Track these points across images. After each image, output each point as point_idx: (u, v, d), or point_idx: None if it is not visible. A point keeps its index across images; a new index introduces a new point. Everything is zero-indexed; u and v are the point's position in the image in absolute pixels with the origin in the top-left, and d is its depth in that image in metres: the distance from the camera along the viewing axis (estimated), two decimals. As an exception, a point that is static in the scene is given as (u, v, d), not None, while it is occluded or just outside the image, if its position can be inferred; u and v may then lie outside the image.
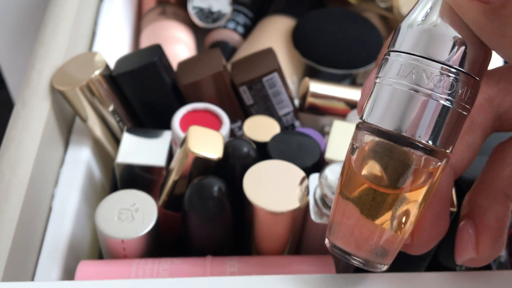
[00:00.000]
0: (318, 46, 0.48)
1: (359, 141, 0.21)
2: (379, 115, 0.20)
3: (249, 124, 0.36)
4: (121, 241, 0.29)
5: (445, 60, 0.19)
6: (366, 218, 0.21)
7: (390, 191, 0.20)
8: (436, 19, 0.19)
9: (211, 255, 0.30)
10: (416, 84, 0.19)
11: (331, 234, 0.22)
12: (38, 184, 0.32)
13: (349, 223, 0.21)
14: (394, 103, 0.20)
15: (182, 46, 0.50)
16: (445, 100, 0.19)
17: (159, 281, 0.26)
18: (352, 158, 0.21)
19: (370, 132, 0.20)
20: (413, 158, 0.20)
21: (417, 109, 0.19)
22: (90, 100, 0.35)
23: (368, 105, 0.21)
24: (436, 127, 0.19)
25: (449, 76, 0.19)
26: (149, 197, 0.31)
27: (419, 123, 0.19)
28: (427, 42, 0.19)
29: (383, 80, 0.20)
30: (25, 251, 0.30)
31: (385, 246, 0.21)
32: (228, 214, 0.30)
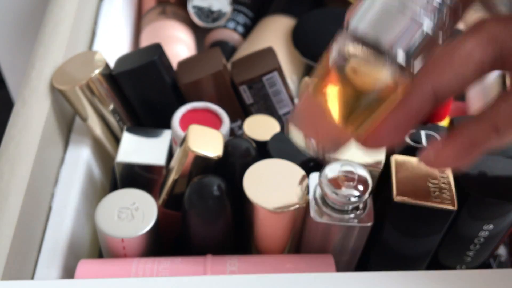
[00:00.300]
0: (318, 46, 0.48)
1: (341, 43, 0.22)
2: (366, 24, 0.21)
3: (249, 123, 0.36)
4: (121, 240, 0.29)
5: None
6: (331, 111, 0.23)
7: (357, 92, 0.22)
8: None
9: (211, 254, 0.30)
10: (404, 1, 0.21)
11: (293, 118, 0.25)
12: (38, 183, 0.32)
13: (315, 111, 0.23)
14: (381, 15, 0.21)
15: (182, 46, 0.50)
16: (426, 25, 0.21)
17: (159, 280, 0.26)
18: (333, 57, 0.22)
19: (354, 37, 0.22)
20: (386, 68, 0.21)
21: (400, 27, 0.21)
22: (90, 99, 0.35)
23: (358, 12, 0.22)
24: (412, 48, 0.21)
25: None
26: (149, 196, 0.31)
27: (398, 40, 0.21)
28: None
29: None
30: (25, 250, 0.30)
31: (339, 136, 0.24)
32: (228, 213, 0.30)
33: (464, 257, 0.33)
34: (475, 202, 0.29)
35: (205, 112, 0.36)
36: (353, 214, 0.29)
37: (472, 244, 0.32)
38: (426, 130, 0.34)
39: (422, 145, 0.33)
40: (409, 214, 0.29)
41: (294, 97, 0.43)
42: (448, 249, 0.33)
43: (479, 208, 0.30)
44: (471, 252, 0.32)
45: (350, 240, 0.30)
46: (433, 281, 0.27)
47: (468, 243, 0.32)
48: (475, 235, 0.31)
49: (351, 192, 0.28)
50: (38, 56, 0.36)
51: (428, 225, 0.30)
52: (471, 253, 0.32)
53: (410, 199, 0.28)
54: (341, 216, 0.29)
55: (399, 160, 0.30)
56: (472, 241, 0.32)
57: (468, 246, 0.32)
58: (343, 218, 0.29)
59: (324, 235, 0.30)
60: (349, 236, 0.30)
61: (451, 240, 0.32)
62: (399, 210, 0.29)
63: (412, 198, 0.28)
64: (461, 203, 0.29)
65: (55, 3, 0.40)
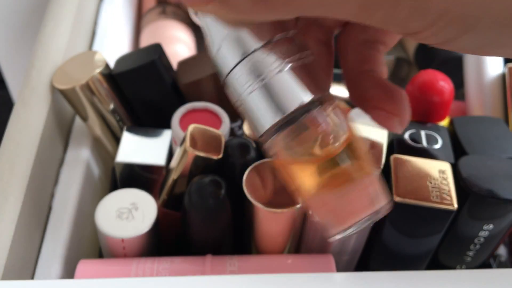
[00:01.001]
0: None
1: (274, 148, 0.21)
2: (267, 118, 0.21)
3: (248, 123, 0.36)
4: (121, 240, 0.29)
5: (254, 47, 0.20)
6: (341, 188, 0.21)
7: (332, 151, 0.21)
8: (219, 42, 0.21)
9: (211, 254, 0.30)
10: (259, 75, 0.20)
11: (331, 228, 0.22)
12: (38, 183, 0.32)
13: (332, 204, 0.22)
14: (262, 101, 0.21)
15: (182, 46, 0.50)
16: (285, 67, 0.20)
17: (159, 280, 0.26)
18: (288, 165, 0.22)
19: (273, 134, 0.21)
20: (315, 117, 0.21)
21: (278, 88, 0.20)
22: (90, 99, 0.35)
23: (254, 121, 0.21)
24: (302, 85, 0.20)
25: (269, 50, 0.20)
26: (149, 196, 0.31)
27: (293, 93, 0.20)
28: (232, 50, 0.20)
29: (240, 97, 0.21)
30: (24, 249, 0.30)
31: (371, 188, 0.22)
32: (228, 213, 0.30)
33: (464, 257, 0.33)
34: (475, 202, 0.29)
35: (205, 112, 0.36)
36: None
37: (472, 244, 0.32)
38: (426, 130, 0.34)
39: (422, 145, 0.33)
40: (409, 214, 0.29)
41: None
42: (448, 249, 0.33)
43: (479, 208, 0.30)
44: (471, 252, 0.32)
45: (350, 240, 0.30)
46: (433, 281, 0.27)
47: (468, 243, 0.32)
48: (475, 235, 0.31)
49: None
50: (38, 56, 0.36)
51: (428, 225, 0.30)
52: (471, 253, 0.32)
53: (410, 199, 0.28)
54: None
55: (399, 159, 0.30)
56: (472, 241, 0.32)
57: (468, 246, 0.32)
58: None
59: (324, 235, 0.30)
60: (349, 236, 0.30)
61: (451, 240, 0.32)
62: (399, 210, 0.29)
63: (412, 198, 0.28)
64: (461, 203, 0.29)
65: (55, 3, 0.40)
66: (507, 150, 0.33)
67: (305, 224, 0.30)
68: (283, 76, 0.20)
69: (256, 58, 0.20)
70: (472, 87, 0.43)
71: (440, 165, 0.30)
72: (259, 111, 0.21)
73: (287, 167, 0.22)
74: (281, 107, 0.20)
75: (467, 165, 0.31)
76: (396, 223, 0.30)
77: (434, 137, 0.33)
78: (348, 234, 0.22)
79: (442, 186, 0.29)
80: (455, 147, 0.33)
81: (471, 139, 0.33)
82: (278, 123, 0.21)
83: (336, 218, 0.22)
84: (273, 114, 0.20)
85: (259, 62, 0.20)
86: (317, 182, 0.21)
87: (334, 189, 0.21)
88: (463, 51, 0.20)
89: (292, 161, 0.21)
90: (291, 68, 0.20)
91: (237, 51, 0.21)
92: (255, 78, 0.20)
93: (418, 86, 0.36)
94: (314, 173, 0.21)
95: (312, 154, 0.21)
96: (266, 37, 0.21)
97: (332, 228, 0.22)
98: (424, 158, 0.31)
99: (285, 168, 0.22)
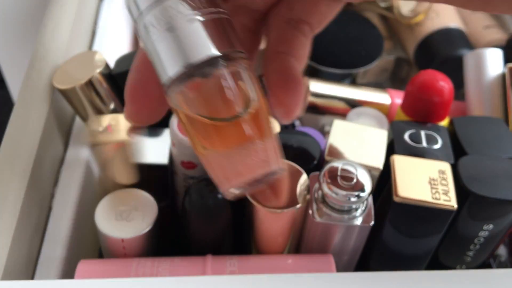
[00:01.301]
0: (318, 46, 0.48)
1: (175, 99, 0.20)
2: (170, 67, 0.19)
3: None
4: (121, 240, 0.29)
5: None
6: (234, 148, 0.20)
7: (231, 112, 0.20)
8: None
9: (211, 254, 0.30)
10: (169, 22, 0.19)
11: (223, 185, 0.21)
12: (38, 184, 0.32)
13: (223, 163, 0.21)
14: (168, 49, 0.19)
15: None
16: (199, 17, 0.19)
17: (159, 280, 0.26)
18: (188, 115, 0.20)
19: (176, 84, 0.20)
20: (224, 73, 0.19)
21: (187, 37, 0.19)
22: (90, 99, 0.35)
23: (158, 68, 0.20)
24: (213, 38, 0.19)
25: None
26: (149, 196, 0.31)
27: (202, 44, 0.19)
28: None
29: (147, 41, 0.20)
30: (25, 250, 0.30)
31: (263, 153, 0.21)
32: (228, 213, 0.30)
33: (464, 257, 0.33)
34: (475, 202, 0.29)
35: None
36: (353, 214, 0.29)
37: (472, 244, 0.32)
38: (426, 130, 0.34)
39: (422, 145, 0.33)
40: (409, 214, 0.29)
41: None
42: (448, 249, 0.33)
43: (479, 208, 0.30)
44: (471, 252, 0.32)
45: (350, 240, 0.30)
46: (433, 281, 0.27)
47: (468, 243, 0.32)
48: (475, 235, 0.31)
49: (351, 192, 0.28)
50: (38, 56, 0.36)
51: (428, 225, 0.30)
52: (471, 253, 0.32)
53: (410, 199, 0.28)
54: (341, 216, 0.29)
55: (399, 160, 0.30)
56: (472, 241, 0.32)
57: (468, 246, 0.32)
58: (343, 218, 0.29)
59: (324, 235, 0.30)
60: (349, 236, 0.30)
61: (451, 240, 0.32)
62: (399, 210, 0.29)
63: (412, 198, 0.28)
64: (461, 203, 0.29)
65: (55, 3, 0.40)
66: (507, 150, 0.33)
67: (305, 224, 0.30)
68: (194, 25, 0.19)
69: (170, 3, 0.19)
70: (472, 87, 0.43)
71: (440, 165, 0.30)
72: (164, 59, 0.19)
73: (186, 119, 0.20)
74: (186, 58, 0.19)
75: (467, 165, 0.31)
76: (396, 223, 0.30)
77: (434, 137, 0.33)
78: (241, 192, 0.22)
79: (442, 186, 0.29)
80: (455, 147, 0.33)
81: (471, 139, 0.33)
82: (180, 74, 0.19)
83: (225, 177, 0.21)
84: (176, 64, 0.19)
85: (171, 7, 0.19)
86: (212, 140, 0.20)
87: (226, 149, 0.20)
88: (448, 2, 0.19)
89: (191, 115, 0.20)
90: (204, 20, 0.19)
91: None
92: (165, 24, 0.19)
93: (418, 86, 0.36)
94: (210, 131, 0.20)
95: (210, 112, 0.20)
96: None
97: (221, 185, 0.21)
98: (424, 158, 0.31)
99: (184, 120, 0.21)
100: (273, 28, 0.25)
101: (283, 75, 0.24)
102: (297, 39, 0.25)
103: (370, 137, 0.32)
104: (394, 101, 0.43)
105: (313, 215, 0.29)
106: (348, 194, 0.28)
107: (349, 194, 0.28)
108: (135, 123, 0.23)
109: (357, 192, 0.28)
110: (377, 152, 0.32)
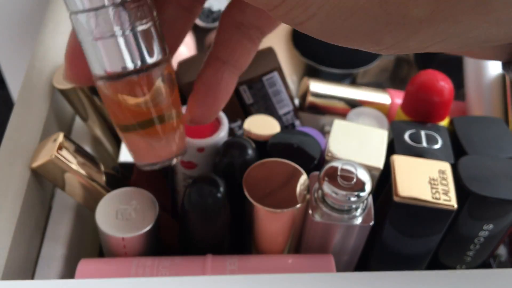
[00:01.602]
0: (318, 46, 0.48)
1: (99, 88, 0.23)
2: (95, 67, 0.22)
3: (249, 123, 0.36)
4: (121, 238, 0.29)
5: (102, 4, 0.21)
6: (146, 137, 0.25)
7: (144, 111, 0.24)
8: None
9: (211, 253, 0.30)
10: (99, 31, 0.21)
11: (136, 158, 0.26)
12: (38, 184, 0.32)
13: (137, 145, 0.25)
14: (94, 52, 0.22)
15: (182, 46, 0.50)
16: (120, 33, 0.22)
17: (159, 280, 0.26)
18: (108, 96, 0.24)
19: (100, 80, 0.23)
20: (134, 80, 0.23)
21: (110, 47, 0.22)
22: (90, 100, 0.35)
23: (88, 61, 0.23)
24: (132, 50, 0.22)
25: (116, 8, 0.21)
26: (149, 195, 0.31)
27: (119, 56, 0.22)
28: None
29: (81, 40, 0.22)
30: (25, 249, 0.30)
31: (171, 138, 0.25)
32: (227, 213, 0.30)
33: (464, 257, 0.33)
34: (475, 202, 0.29)
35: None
36: (353, 214, 0.29)
37: (472, 244, 0.32)
38: (426, 130, 0.34)
39: (422, 145, 0.33)
40: (409, 214, 0.29)
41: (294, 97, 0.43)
42: (448, 249, 0.33)
43: (479, 208, 0.30)
44: (471, 252, 0.32)
45: (350, 240, 0.30)
46: (433, 280, 0.27)
47: (468, 243, 0.32)
48: (475, 235, 0.31)
49: (351, 192, 0.28)
50: (38, 56, 0.36)
51: (428, 225, 0.30)
52: (471, 253, 0.32)
53: (410, 199, 0.28)
54: (341, 216, 0.29)
55: (399, 160, 0.30)
56: (472, 241, 0.32)
57: (468, 246, 0.32)
58: (343, 218, 0.29)
59: (324, 235, 0.30)
60: (349, 236, 0.30)
61: (451, 240, 0.32)
62: (399, 210, 0.29)
63: (412, 198, 0.28)
64: (461, 203, 0.29)
65: (55, 3, 0.40)
66: (507, 150, 0.33)
67: (305, 223, 0.30)
68: (117, 40, 0.22)
69: (103, 13, 0.21)
70: (472, 87, 0.43)
71: (440, 165, 0.30)
72: (91, 58, 0.22)
73: (108, 104, 0.24)
74: (105, 65, 0.22)
75: (467, 165, 0.31)
76: (396, 223, 0.30)
77: (434, 137, 0.33)
78: (151, 168, 0.26)
79: (442, 186, 0.29)
80: (455, 147, 0.33)
81: (471, 139, 0.33)
82: (100, 76, 0.23)
83: (139, 155, 0.26)
84: (99, 67, 0.22)
85: (103, 17, 0.21)
86: (129, 126, 0.24)
87: (140, 136, 0.24)
88: (313, 35, 0.19)
89: (112, 103, 0.23)
90: (127, 34, 0.22)
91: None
92: (92, 33, 0.21)
93: (418, 86, 0.36)
94: (128, 118, 0.24)
95: (127, 107, 0.23)
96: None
97: (136, 160, 0.26)
98: (424, 158, 0.31)
99: (106, 104, 0.24)
100: (221, 30, 0.25)
101: (207, 89, 0.25)
102: (242, 46, 0.25)
103: (370, 137, 0.32)
104: (394, 101, 0.43)
105: (313, 214, 0.29)
106: (348, 194, 0.28)
107: (349, 193, 0.28)
108: (74, 83, 0.25)
109: (357, 192, 0.28)
110: (377, 152, 0.32)
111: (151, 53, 0.23)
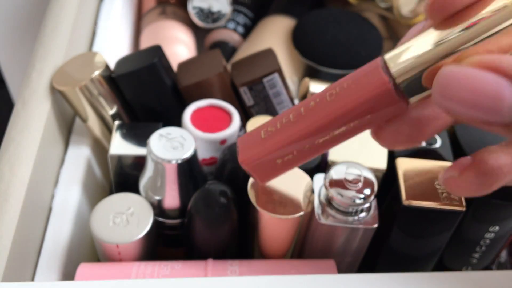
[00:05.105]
0: (318, 46, 0.48)
1: None
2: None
3: (251, 125, 0.36)
4: (115, 245, 0.29)
5: None
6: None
7: None
8: None
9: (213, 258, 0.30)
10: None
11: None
12: (38, 184, 0.32)
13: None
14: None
15: (182, 46, 0.50)
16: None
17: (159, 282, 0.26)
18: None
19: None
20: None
21: None
22: (90, 100, 0.35)
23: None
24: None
25: None
26: (144, 201, 0.31)
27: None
28: None
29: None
30: (25, 251, 0.30)
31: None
32: (234, 220, 0.30)
33: (470, 259, 0.33)
34: (481, 204, 0.29)
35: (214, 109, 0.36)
36: (358, 216, 0.29)
37: (478, 246, 0.32)
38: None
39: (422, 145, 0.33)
40: (419, 217, 0.29)
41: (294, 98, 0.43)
42: (454, 251, 0.33)
43: (485, 210, 0.30)
44: (477, 254, 0.32)
45: (354, 242, 0.30)
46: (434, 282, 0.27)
47: (474, 245, 0.32)
48: (481, 237, 0.31)
49: (356, 194, 0.28)
50: (38, 56, 0.36)
51: (437, 226, 0.29)
52: (477, 255, 0.32)
53: (420, 203, 0.28)
54: (345, 218, 0.28)
55: (406, 163, 0.30)
56: (478, 243, 0.31)
57: (474, 248, 0.32)
58: (347, 220, 0.28)
59: (328, 237, 0.30)
60: (353, 238, 0.30)
61: (457, 243, 0.32)
62: (408, 213, 0.29)
63: (421, 201, 0.28)
64: (467, 205, 0.29)
65: (55, 3, 0.40)
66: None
67: (309, 226, 0.30)
68: None
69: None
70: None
71: (444, 165, 0.30)
72: None
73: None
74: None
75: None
76: (405, 226, 0.30)
77: (434, 137, 0.33)
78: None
79: None
80: (455, 148, 0.33)
81: (471, 139, 0.33)
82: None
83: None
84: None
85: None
86: None
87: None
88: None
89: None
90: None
91: None
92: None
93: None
94: None
95: None
96: None
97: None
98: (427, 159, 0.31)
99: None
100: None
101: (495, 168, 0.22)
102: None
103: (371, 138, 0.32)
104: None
105: (318, 217, 0.29)
106: (353, 196, 0.27)
107: (355, 196, 0.28)
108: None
109: (363, 194, 0.28)
110: (379, 153, 0.31)
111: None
